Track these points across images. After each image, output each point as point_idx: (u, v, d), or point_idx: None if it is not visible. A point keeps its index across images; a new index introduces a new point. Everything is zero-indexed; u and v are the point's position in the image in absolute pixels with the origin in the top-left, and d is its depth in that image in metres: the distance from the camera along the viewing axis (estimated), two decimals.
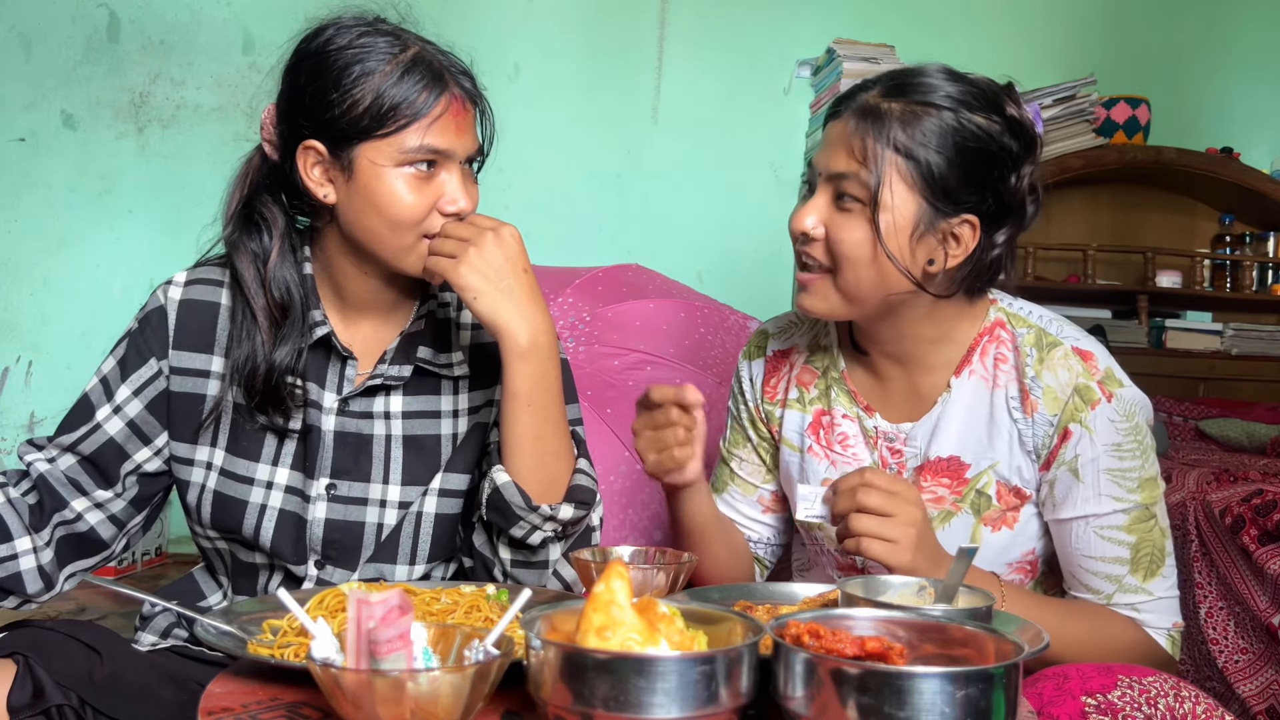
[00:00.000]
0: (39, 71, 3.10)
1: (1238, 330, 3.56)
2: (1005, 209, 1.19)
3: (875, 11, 3.44)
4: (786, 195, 3.46)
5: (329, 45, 1.20)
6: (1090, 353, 1.24)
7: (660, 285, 2.68)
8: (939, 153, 1.16)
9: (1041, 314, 1.29)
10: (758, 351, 1.44)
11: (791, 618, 0.82)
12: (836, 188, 1.19)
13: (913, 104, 1.17)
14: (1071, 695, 0.97)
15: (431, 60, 1.21)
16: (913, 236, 1.18)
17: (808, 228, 1.21)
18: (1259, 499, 1.92)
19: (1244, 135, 3.68)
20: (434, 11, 1.32)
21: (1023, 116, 1.20)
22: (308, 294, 1.27)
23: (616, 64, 3.38)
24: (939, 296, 1.22)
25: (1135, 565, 1.22)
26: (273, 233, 1.26)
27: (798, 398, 1.38)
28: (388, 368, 1.28)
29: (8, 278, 3.11)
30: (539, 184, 3.30)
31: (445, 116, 1.19)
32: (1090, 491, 1.21)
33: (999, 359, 1.26)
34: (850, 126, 1.19)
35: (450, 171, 1.21)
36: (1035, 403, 1.23)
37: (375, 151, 1.18)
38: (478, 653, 0.79)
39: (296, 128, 1.21)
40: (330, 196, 1.21)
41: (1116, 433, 1.21)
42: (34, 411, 3.12)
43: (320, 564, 1.27)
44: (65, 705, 1.09)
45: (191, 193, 3.10)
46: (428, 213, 1.20)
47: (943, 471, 1.27)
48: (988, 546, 1.26)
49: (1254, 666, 1.87)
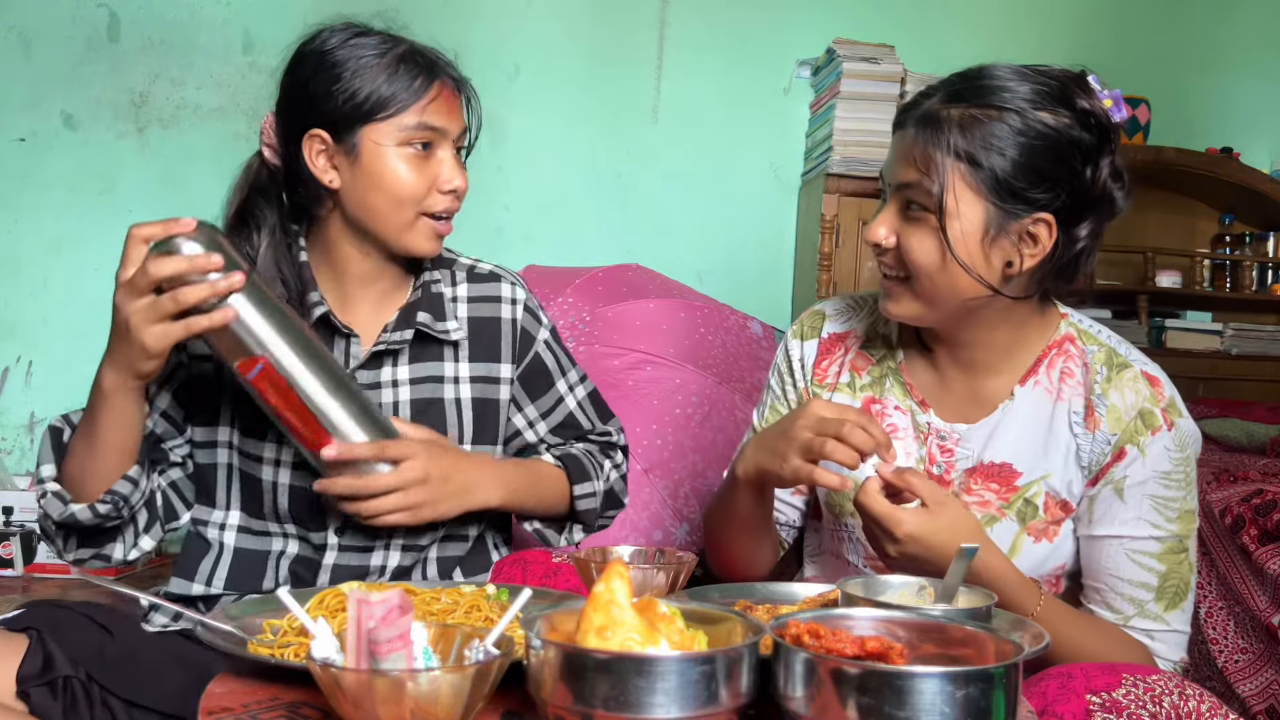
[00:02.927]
0: (39, 71, 3.10)
1: (1238, 330, 3.55)
2: (1084, 203, 1.18)
3: (875, 11, 3.43)
4: (787, 195, 3.46)
5: (326, 44, 1.32)
6: (1158, 379, 1.25)
7: (660, 285, 2.68)
8: (1002, 155, 1.14)
9: (1110, 335, 1.29)
10: (812, 332, 1.42)
11: (791, 618, 0.82)
12: (904, 198, 1.19)
13: (973, 108, 1.16)
14: (1076, 694, 0.97)
15: (422, 51, 1.34)
16: (984, 241, 1.17)
17: (880, 238, 1.21)
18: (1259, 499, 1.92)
19: (1244, 135, 3.68)
20: (434, 12, 1.35)
21: (1095, 107, 1.17)
22: (305, 280, 1.35)
23: (616, 64, 3.37)
24: (1017, 299, 1.21)
25: (1160, 594, 1.22)
26: (261, 229, 1.35)
27: (848, 382, 1.37)
28: (389, 334, 1.36)
29: (8, 278, 3.10)
30: (539, 184, 3.30)
31: (439, 99, 1.31)
32: (1131, 514, 1.21)
33: (1065, 373, 1.26)
34: (911, 136, 1.18)
35: (445, 150, 1.33)
36: (1099, 420, 1.23)
37: (377, 133, 1.29)
38: (478, 653, 0.79)
39: (299, 121, 1.31)
40: (335, 181, 1.31)
41: (1169, 461, 1.21)
42: (34, 411, 3.11)
43: (340, 530, 1.33)
44: (73, 678, 1.15)
45: (191, 193, 3.09)
46: (428, 190, 1.32)
47: (993, 477, 1.27)
48: (1027, 557, 1.26)
49: (1254, 666, 1.87)
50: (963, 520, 1.14)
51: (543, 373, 1.48)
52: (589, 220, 3.36)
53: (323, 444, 1.21)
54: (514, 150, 3.26)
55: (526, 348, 1.46)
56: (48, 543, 1.30)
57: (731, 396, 2.34)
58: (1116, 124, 1.20)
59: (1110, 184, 1.19)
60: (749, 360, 2.50)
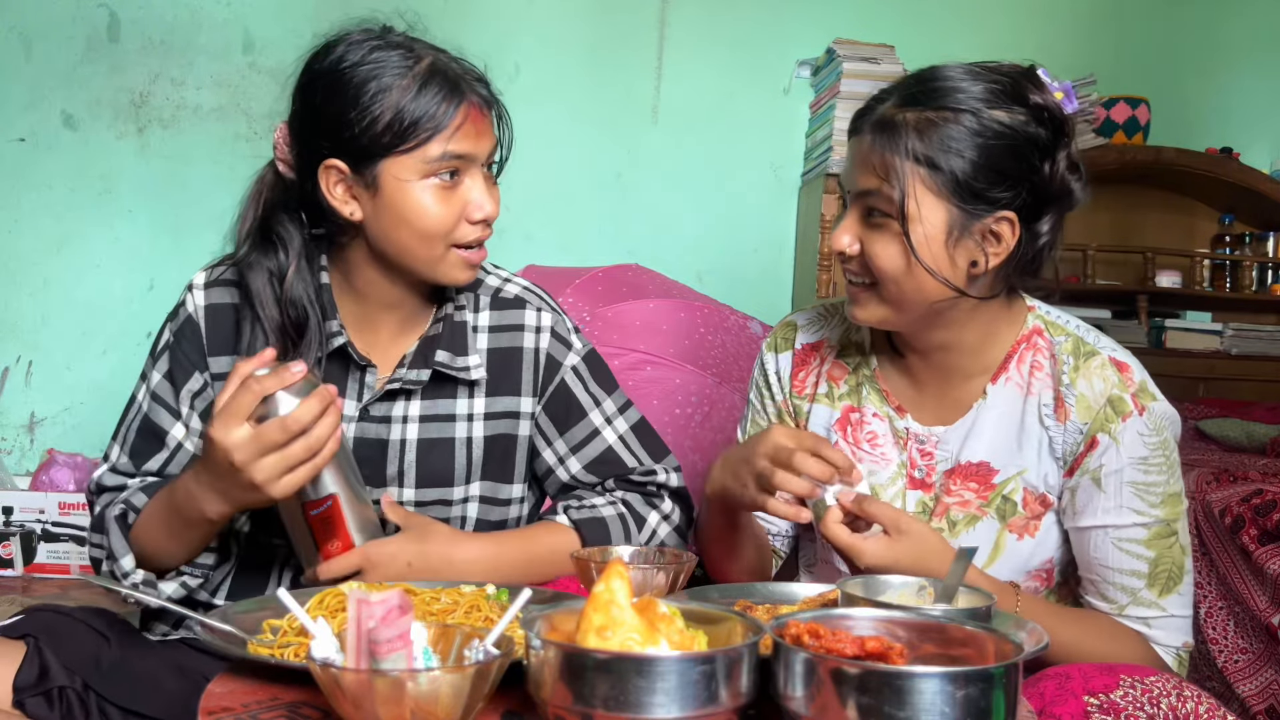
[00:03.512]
0: (39, 71, 3.10)
1: (1237, 330, 3.55)
2: (1044, 198, 1.18)
3: (875, 11, 3.43)
4: (786, 195, 3.46)
5: (342, 63, 1.20)
6: (1126, 364, 1.24)
7: (660, 285, 2.68)
8: (961, 156, 1.14)
9: (1079, 324, 1.29)
10: (785, 344, 1.42)
11: (791, 618, 0.82)
12: (865, 205, 1.19)
13: (928, 111, 1.16)
14: (1074, 695, 0.97)
15: (446, 70, 1.21)
16: (948, 243, 1.17)
17: (844, 246, 1.21)
18: (1259, 499, 1.92)
19: (1244, 135, 3.68)
20: (435, 12, 1.32)
21: (1047, 101, 1.17)
22: (324, 305, 1.28)
23: (616, 63, 3.37)
24: (983, 298, 1.21)
25: (1153, 580, 1.21)
26: (289, 251, 1.26)
27: (827, 393, 1.37)
28: (406, 372, 1.29)
29: (8, 278, 3.10)
30: (539, 184, 3.30)
31: (466, 124, 1.20)
32: (1112, 503, 1.21)
33: (1035, 366, 1.26)
34: (868, 142, 1.18)
35: (474, 178, 1.23)
36: (1069, 410, 1.23)
37: (399, 167, 1.19)
38: (478, 653, 0.79)
39: (315, 147, 1.21)
40: (356, 214, 1.23)
41: (1144, 446, 1.21)
42: (34, 411, 3.11)
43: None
44: (68, 688, 1.12)
45: (191, 193, 3.09)
46: (456, 222, 1.22)
47: (971, 476, 1.27)
48: (1012, 554, 1.26)
49: (1254, 666, 1.87)
50: (926, 542, 1.14)
51: (570, 403, 1.36)
52: (589, 220, 3.36)
53: (323, 554, 1.20)
54: (514, 150, 3.25)
55: (551, 376, 1.36)
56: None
57: (731, 396, 2.34)
58: (1070, 116, 1.19)
59: (1068, 176, 1.19)
60: (749, 360, 2.50)
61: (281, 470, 1.09)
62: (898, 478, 1.31)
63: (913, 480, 1.30)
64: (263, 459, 1.08)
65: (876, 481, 1.31)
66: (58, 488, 2.77)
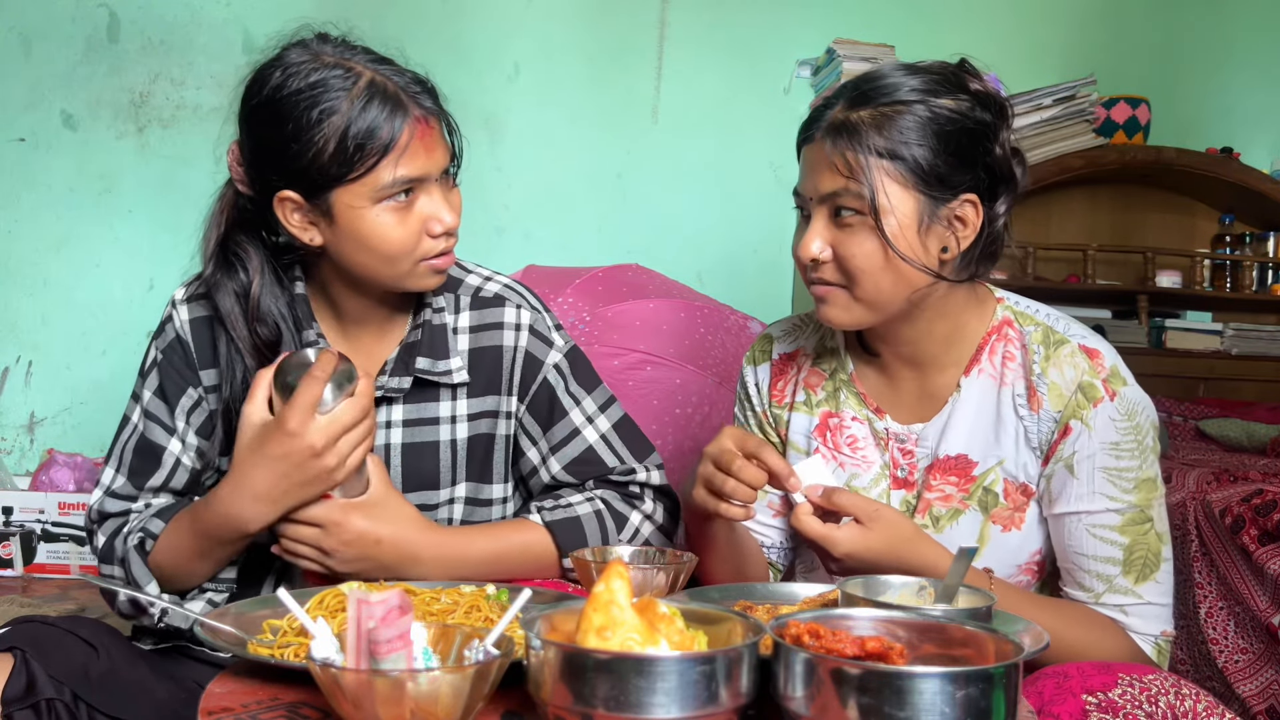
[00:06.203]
0: (39, 71, 3.10)
1: (1238, 330, 3.55)
2: (998, 178, 1.22)
3: (875, 11, 3.43)
4: (786, 195, 3.43)
5: (280, 92, 1.18)
6: (1097, 350, 1.25)
7: (660, 285, 2.68)
8: (921, 145, 1.17)
9: (1049, 312, 1.30)
10: (763, 356, 1.44)
11: (791, 618, 0.82)
12: (832, 206, 1.21)
13: (880, 107, 1.18)
14: (1072, 694, 0.97)
15: (385, 86, 1.18)
16: (920, 231, 1.19)
17: (815, 253, 1.21)
18: (1259, 499, 1.92)
19: (1244, 135, 3.68)
20: (434, 11, 1.31)
21: (986, 88, 1.22)
22: (300, 315, 1.28)
23: (616, 64, 3.37)
24: (958, 281, 1.24)
25: (1128, 567, 1.21)
26: (248, 269, 1.26)
27: (804, 400, 1.38)
28: (388, 379, 1.29)
29: (8, 278, 3.11)
30: (539, 184, 3.30)
31: (413, 143, 1.17)
32: (1084, 489, 1.22)
33: (1007, 357, 1.27)
34: (827, 147, 1.20)
35: (429, 193, 1.21)
36: (1041, 399, 1.24)
37: (351, 195, 1.17)
38: (478, 653, 0.79)
39: (266, 177, 1.21)
40: (316, 239, 1.22)
41: (1116, 431, 1.21)
42: (34, 411, 3.11)
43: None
44: (57, 700, 1.11)
45: (191, 193, 3.07)
46: (418, 239, 1.21)
47: (951, 470, 1.28)
48: (1001, 548, 1.26)
49: (1254, 666, 1.87)
50: (897, 528, 1.16)
51: (552, 401, 1.35)
52: (589, 220, 3.37)
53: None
54: (514, 150, 3.26)
55: (531, 375, 1.35)
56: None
57: (731, 397, 2.34)
58: (1006, 101, 1.24)
59: (1012, 159, 1.23)
60: None
61: (350, 449, 1.14)
62: (881, 479, 1.32)
63: (896, 480, 1.31)
64: (340, 441, 1.13)
65: (860, 484, 1.32)
66: (57, 488, 2.77)
